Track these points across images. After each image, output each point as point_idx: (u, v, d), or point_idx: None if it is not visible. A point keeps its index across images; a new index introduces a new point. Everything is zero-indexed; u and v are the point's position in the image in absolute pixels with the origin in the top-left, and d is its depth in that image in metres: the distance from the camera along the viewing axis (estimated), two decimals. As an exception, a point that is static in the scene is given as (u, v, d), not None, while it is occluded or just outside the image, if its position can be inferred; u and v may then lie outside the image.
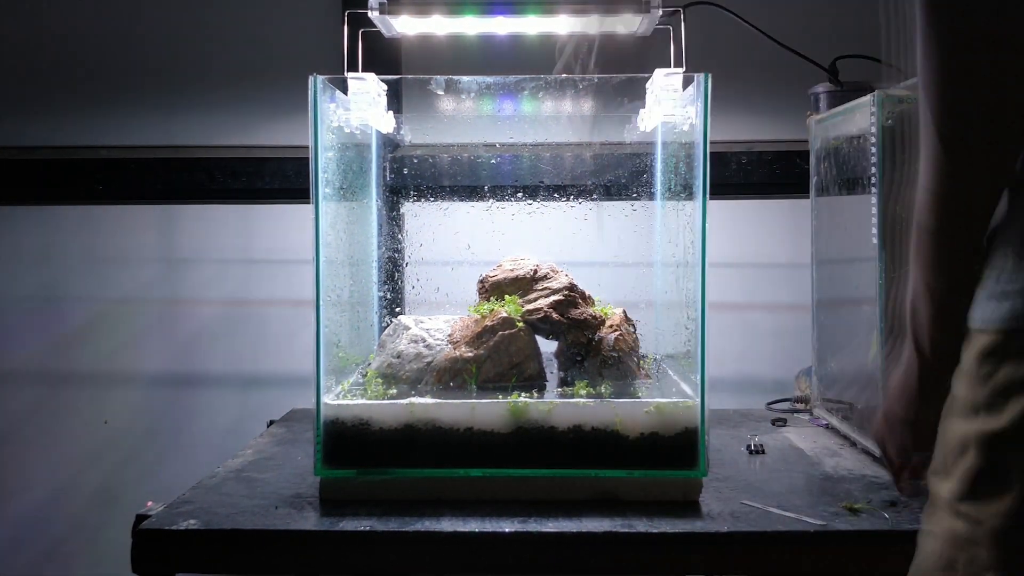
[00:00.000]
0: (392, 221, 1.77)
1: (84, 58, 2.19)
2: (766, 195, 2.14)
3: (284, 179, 2.11)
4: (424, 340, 1.47)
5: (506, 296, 1.49)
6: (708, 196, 1.31)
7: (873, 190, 1.46)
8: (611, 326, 1.46)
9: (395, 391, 1.42)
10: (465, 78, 1.56)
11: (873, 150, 1.46)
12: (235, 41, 2.18)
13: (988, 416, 0.78)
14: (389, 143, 1.75)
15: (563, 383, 1.44)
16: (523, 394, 1.37)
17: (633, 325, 1.51)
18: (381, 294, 1.72)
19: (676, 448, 1.32)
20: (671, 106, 1.44)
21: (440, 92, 1.57)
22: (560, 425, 1.33)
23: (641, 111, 1.57)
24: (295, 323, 2.17)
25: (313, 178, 1.34)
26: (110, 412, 2.22)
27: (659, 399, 1.35)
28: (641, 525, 1.22)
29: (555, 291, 1.48)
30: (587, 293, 1.52)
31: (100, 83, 2.19)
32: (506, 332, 1.43)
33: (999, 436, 0.77)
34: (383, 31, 1.58)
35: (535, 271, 1.51)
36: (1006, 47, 0.76)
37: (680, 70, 1.43)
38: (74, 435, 2.22)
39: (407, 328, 1.50)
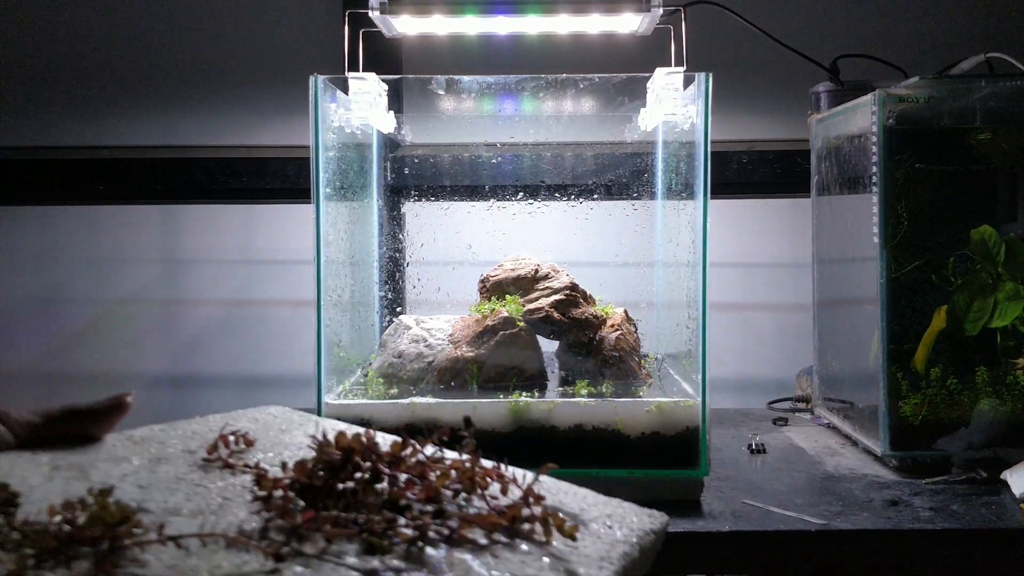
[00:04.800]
0: (393, 221, 1.77)
1: (84, 58, 2.19)
2: (767, 194, 2.13)
3: (285, 179, 2.11)
4: (425, 340, 1.47)
5: (507, 296, 1.49)
6: (709, 195, 1.31)
7: (874, 189, 1.46)
8: (612, 326, 1.46)
9: (396, 391, 1.42)
10: (466, 78, 1.56)
11: (874, 149, 1.46)
12: (235, 41, 2.18)
13: None
14: (390, 143, 1.75)
15: (564, 383, 1.44)
16: (524, 394, 1.37)
17: (634, 324, 1.51)
18: (382, 294, 1.72)
19: (677, 447, 1.32)
20: (672, 105, 1.44)
21: (441, 92, 1.57)
22: (561, 425, 1.33)
23: (642, 110, 1.57)
24: (296, 323, 2.17)
25: (314, 178, 1.34)
26: (111, 412, 2.22)
27: (660, 398, 1.35)
28: (642, 524, 1.22)
29: (556, 291, 1.48)
30: (588, 293, 1.52)
31: (100, 83, 2.19)
32: (507, 332, 1.43)
33: None
34: (384, 31, 1.58)
35: (536, 271, 1.51)
36: None
37: (681, 69, 1.43)
38: (75, 435, 2.22)
39: (408, 328, 1.50)
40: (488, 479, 0.65)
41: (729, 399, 2.08)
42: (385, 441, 0.68)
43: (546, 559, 0.58)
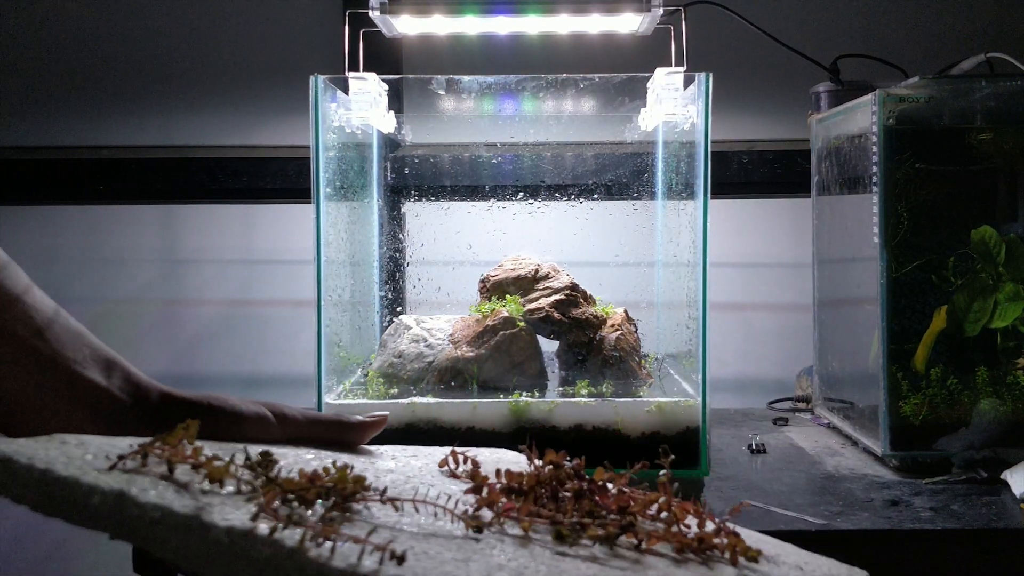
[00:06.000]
0: (393, 221, 1.77)
1: (84, 58, 2.19)
2: (767, 194, 2.14)
3: (285, 179, 2.12)
4: (425, 340, 1.47)
5: (507, 296, 1.49)
6: (709, 195, 1.31)
7: (874, 189, 1.46)
8: (612, 326, 1.46)
9: (396, 391, 1.42)
10: (466, 78, 1.56)
11: (874, 149, 1.46)
12: (235, 41, 2.18)
13: None
14: (390, 143, 1.75)
15: (564, 383, 1.44)
16: (524, 394, 1.37)
17: (634, 324, 1.51)
18: (382, 294, 1.72)
19: (677, 447, 1.32)
20: (672, 105, 1.44)
21: (441, 92, 1.57)
22: (561, 425, 1.33)
23: (642, 110, 1.57)
24: (296, 323, 2.17)
25: (314, 178, 1.34)
26: (111, 412, 2.22)
27: (660, 398, 1.35)
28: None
29: (556, 290, 1.48)
30: (588, 293, 1.52)
31: (100, 83, 2.19)
32: (507, 332, 1.43)
33: None
34: (384, 31, 1.58)
35: (536, 271, 1.51)
36: None
37: (681, 69, 1.43)
38: (75, 435, 2.22)
39: (408, 328, 1.50)
40: (685, 511, 0.70)
41: (729, 399, 2.08)
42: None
43: (731, 570, 0.63)
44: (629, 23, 1.54)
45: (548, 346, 1.49)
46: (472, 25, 1.55)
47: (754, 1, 1.89)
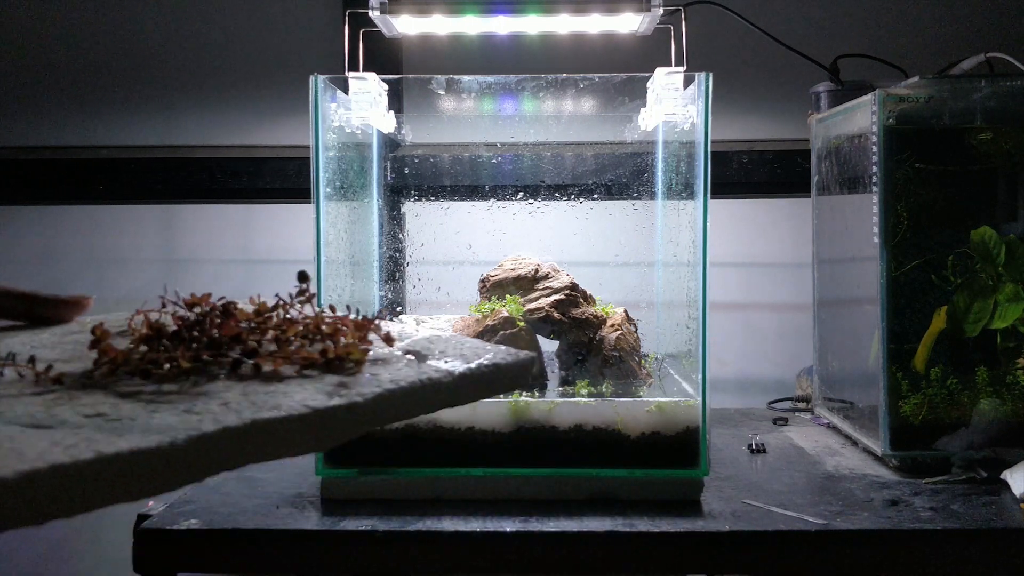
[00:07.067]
0: (393, 221, 1.77)
1: (84, 58, 2.19)
2: (767, 194, 2.14)
3: (285, 179, 2.11)
4: (425, 340, 1.47)
5: (507, 296, 1.49)
6: (709, 195, 1.31)
7: (874, 189, 1.46)
8: (612, 325, 1.46)
9: (396, 391, 1.41)
10: (466, 78, 1.56)
11: (874, 149, 1.46)
12: (235, 41, 2.18)
13: None
14: (390, 143, 1.75)
15: (564, 383, 1.44)
16: (524, 394, 1.37)
17: (634, 324, 1.51)
18: (382, 294, 1.72)
19: (677, 447, 1.32)
20: (672, 105, 1.44)
21: (441, 92, 1.57)
22: (561, 424, 1.33)
23: (642, 110, 1.57)
24: (296, 323, 2.17)
25: (314, 178, 1.34)
26: (111, 412, 2.22)
27: (660, 398, 1.35)
28: (642, 524, 1.22)
29: (556, 290, 1.48)
30: (588, 293, 1.52)
31: (100, 83, 2.19)
32: (507, 332, 1.43)
33: None
34: (384, 31, 1.58)
35: (536, 271, 1.51)
36: None
37: (681, 69, 1.43)
38: (75, 435, 2.22)
39: (408, 328, 1.50)
40: (343, 328, 0.73)
41: (729, 399, 2.08)
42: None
43: (325, 382, 0.63)
44: (629, 23, 1.54)
45: (548, 346, 1.49)
46: (472, 25, 1.55)
47: (754, 1, 1.89)
